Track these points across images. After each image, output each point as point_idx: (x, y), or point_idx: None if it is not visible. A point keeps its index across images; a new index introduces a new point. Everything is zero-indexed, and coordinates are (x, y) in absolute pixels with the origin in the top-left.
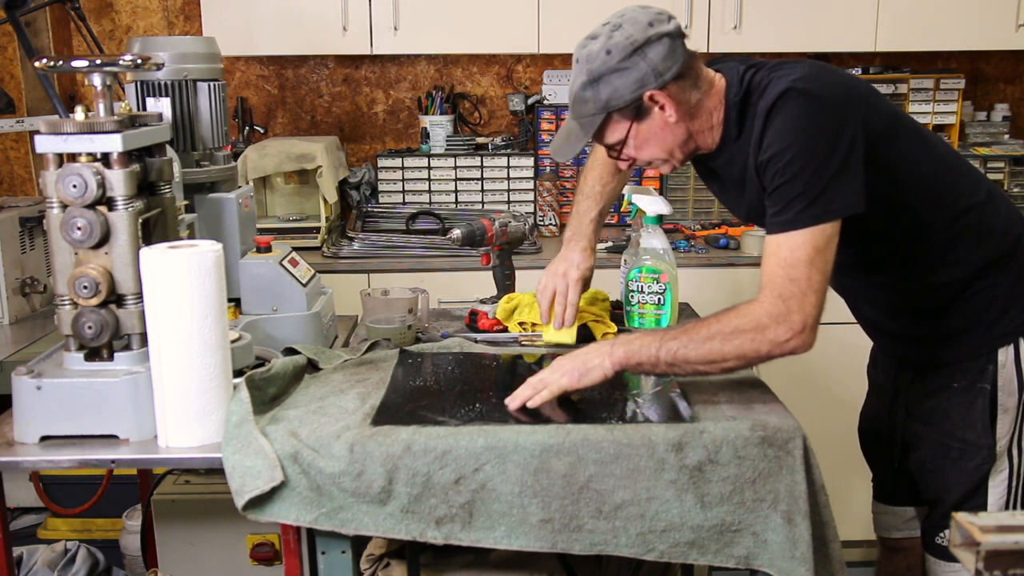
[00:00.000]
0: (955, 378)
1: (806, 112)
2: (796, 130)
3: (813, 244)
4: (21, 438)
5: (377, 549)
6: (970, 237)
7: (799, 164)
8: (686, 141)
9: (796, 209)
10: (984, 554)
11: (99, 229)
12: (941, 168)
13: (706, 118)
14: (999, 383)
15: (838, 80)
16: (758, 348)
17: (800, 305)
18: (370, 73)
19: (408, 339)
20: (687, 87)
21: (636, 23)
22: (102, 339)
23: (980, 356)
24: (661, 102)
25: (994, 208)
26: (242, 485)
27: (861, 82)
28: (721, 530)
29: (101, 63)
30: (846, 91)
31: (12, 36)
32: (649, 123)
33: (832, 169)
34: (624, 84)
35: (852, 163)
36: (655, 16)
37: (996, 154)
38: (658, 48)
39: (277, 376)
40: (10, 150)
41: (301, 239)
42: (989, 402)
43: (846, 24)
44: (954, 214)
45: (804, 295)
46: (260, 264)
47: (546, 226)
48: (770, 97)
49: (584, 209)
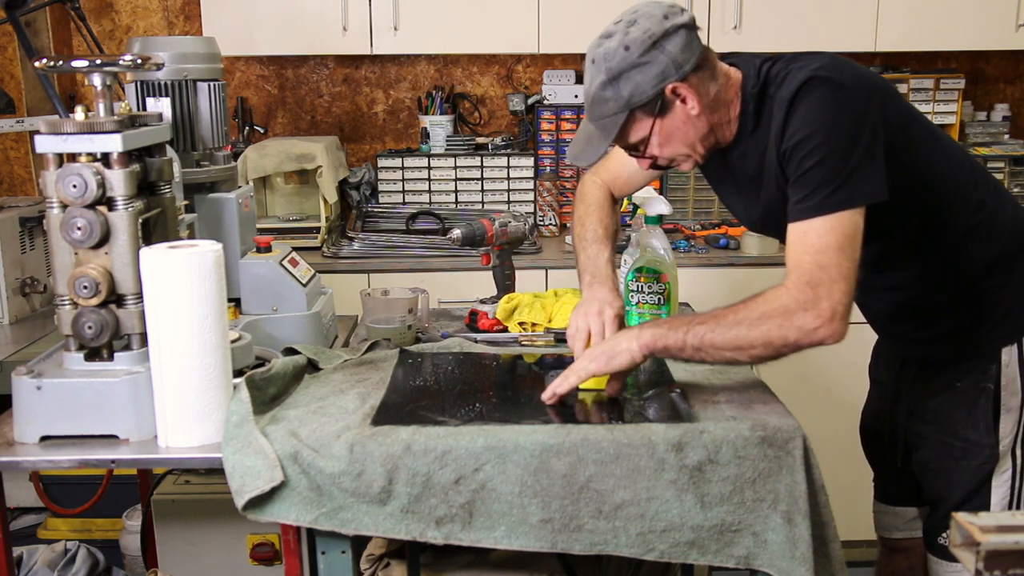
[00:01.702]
0: (958, 377)
1: (830, 99)
2: (821, 116)
3: (842, 230)
4: (21, 438)
5: (377, 549)
6: (981, 235)
7: (826, 150)
8: (707, 134)
9: (823, 194)
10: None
11: (99, 229)
12: (954, 164)
13: (724, 111)
14: (1002, 382)
15: (857, 72)
16: (786, 335)
17: (829, 292)
18: (370, 73)
19: (408, 339)
20: (706, 79)
21: (651, 17)
22: (102, 339)
23: (983, 356)
24: (683, 95)
25: (1003, 206)
26: (242, 485)
27: (878, 76)
28: (721, 530)
29: (101, 63)
30: (866, 82)
31: (12, 36)
32: (672, 118)
33: (858, 156)
34: (645, 79)
35: (875, 152)
36: (668, 9)
37: (996, 154)
38: (676, 40)
39: (277, 376)
40: (10, 150)
41: (301, 239)
42: (992, 401)
43: (846, 24)
44: (967, 211)
45: (834, 282)
46: (260, 264)
47: (546, 226)
48: (791, 86)
49: (594, 253)
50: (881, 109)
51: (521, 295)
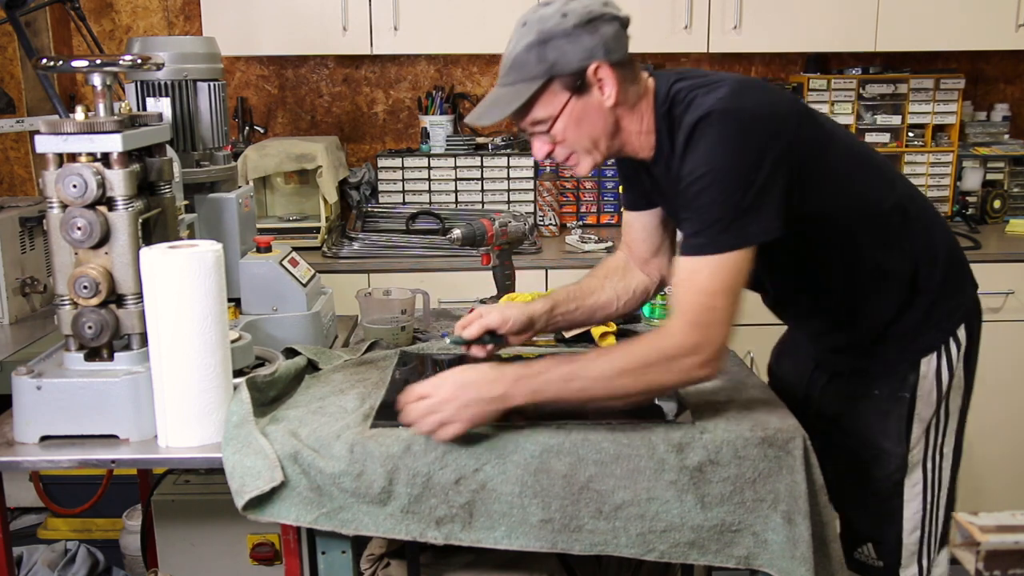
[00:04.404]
0: (875, 385)
1: (728, 136)
2: (717, 154)
3: (730, 271)
4: (21, 438)
5: (377, 549)
6: (899, 244)
7: (719, 188)
8: (614, 134)
9: (714, 233)
10: (984, 554)
11: (99, 229)
12: (872, 177)
13: (637, 118)
14: (919, 393)
15: (764, 99)
16: (669, 379)
17: (715, 334)
18: (370, 73)
19: (404, 339)
20: (628, 79)
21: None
22: (102, 339)
23: (903, 365)
24: (604, 80)
25: (918, 213)
26: (242, 485)
27: (790, 98)
28: (721, 530)
29: (101, 63)
30: (772, 111)
31: (12, 36)
32: (586, 101)
33: (751, 196)
34: (574, 50)
35: (772, 187)
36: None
37: (996, 154)
38: (610, 28)
39: (279, 379)
40: (10, 150)
41: (301, 239)
42: (907, 411)
43: (846, 24)
44: (884, 222)
45: (721, 324)
46: (260, 264)
47: (546, 226)
48: (694, 115)
49: (557, 295)
50: (787, 138)
51: (521, 295)
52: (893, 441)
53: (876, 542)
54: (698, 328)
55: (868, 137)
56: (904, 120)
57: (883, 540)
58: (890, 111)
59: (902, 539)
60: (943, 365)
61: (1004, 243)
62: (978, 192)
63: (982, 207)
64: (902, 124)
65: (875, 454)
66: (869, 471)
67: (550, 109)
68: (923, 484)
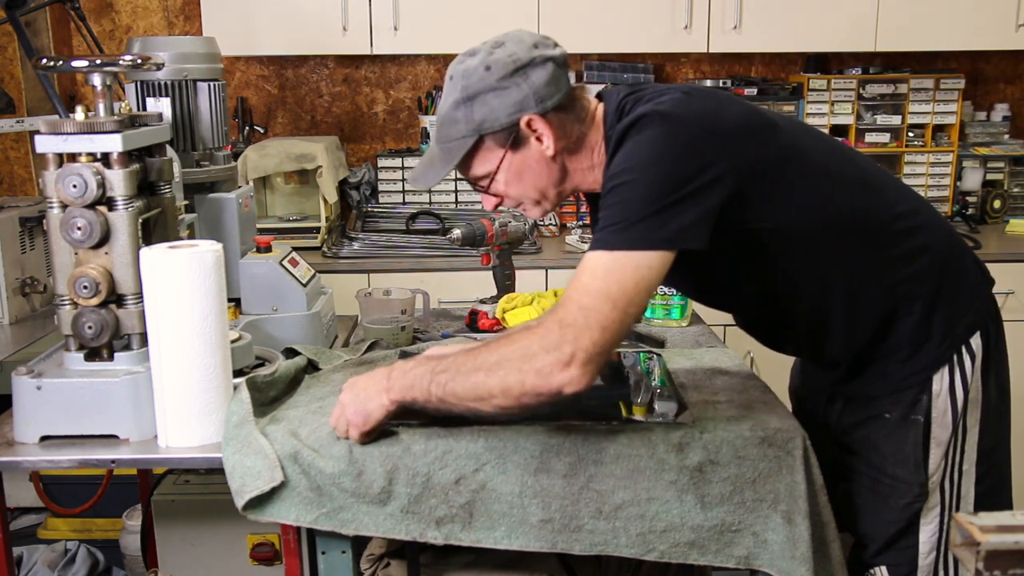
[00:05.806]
0: (887, 408)
1: (658, 137)
2: (641, 152)
3: (622, 275)
4: (21, 438)
5: (377, 549)
6: (875, 259)
7: (628, 189)
8: (562, 180)
9: (614, 228)
10: (984, 554)
11: (99, 229)
12: (856, 189)
13: (587, 155)
14: (933, 415)
15: (707, 110)
16: (523, 380)
17: (576, 336)
18: (370, 73)
19: (404, 340)
20: (569, 120)
21: (520, 43)
22: (102, 339)
23: (913, 386)
24: (540, 131)
25: (910, 221)
26: (242, 485)
27: (742, 112)
28: (721, 530)
29: (101, 63)
30: (717, 125)
31: (12, 36)
32: (524, 155)
33: (665, 200)
34: (501, 105)
35: (699, 197)
36: (541, 39)
37: (996, 154)
38: (541, 72)
39: (280, 380)
40: (10, 150)
41: (301, 239)
42: (923, 435)
43: (846, 24)
44: (881, 234)
45: (588, 329)
46: (260, 264)
47: (546, 226)
48: (626, 122)
49: None
50: (731, 153)
51: (521, 295)
52: (909, 469)
53: (890, 565)
54: (563, 327)
55: (868, 137)
56: (904, 120)
57: (898, 563)
58: (890, 111)
59: (917, 562)
60: (956, 380)
61: (1004, 243)
62: (978, 192)
63: (982, 207)
64: (902, 124)
65: (892, 484)
66: (887, 502)
67: (487, 166)
68: (940, 507)
